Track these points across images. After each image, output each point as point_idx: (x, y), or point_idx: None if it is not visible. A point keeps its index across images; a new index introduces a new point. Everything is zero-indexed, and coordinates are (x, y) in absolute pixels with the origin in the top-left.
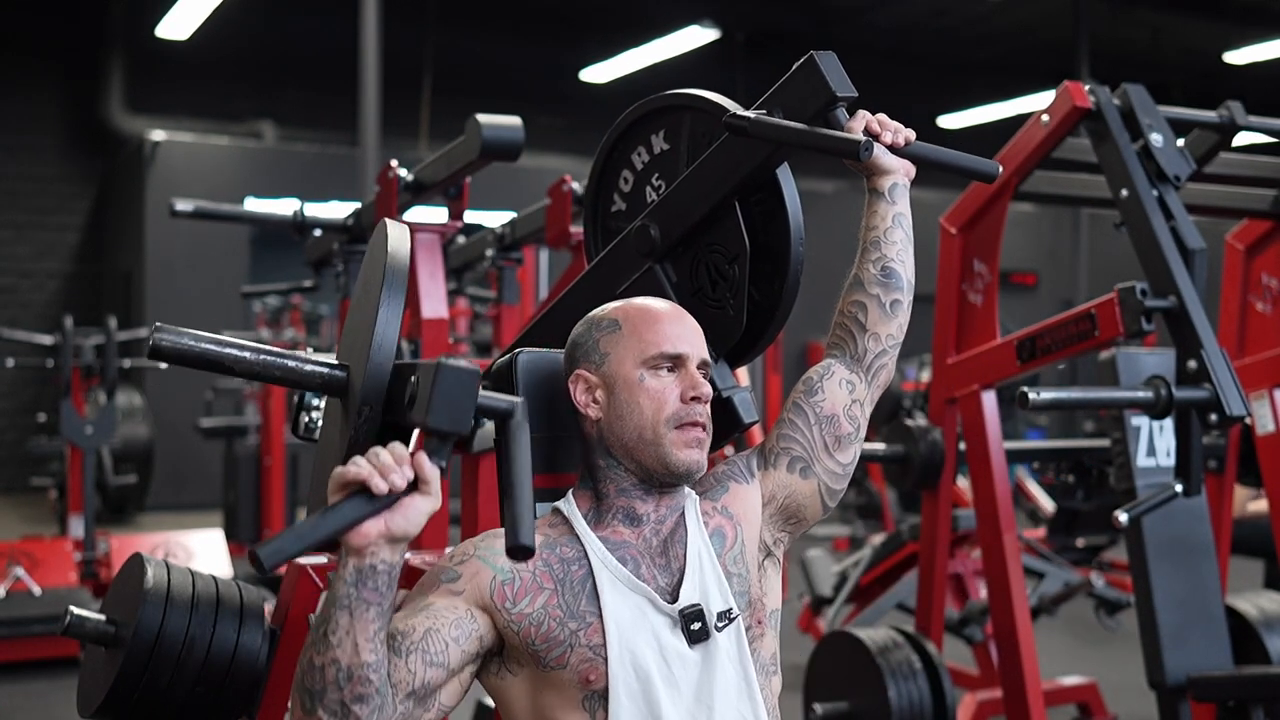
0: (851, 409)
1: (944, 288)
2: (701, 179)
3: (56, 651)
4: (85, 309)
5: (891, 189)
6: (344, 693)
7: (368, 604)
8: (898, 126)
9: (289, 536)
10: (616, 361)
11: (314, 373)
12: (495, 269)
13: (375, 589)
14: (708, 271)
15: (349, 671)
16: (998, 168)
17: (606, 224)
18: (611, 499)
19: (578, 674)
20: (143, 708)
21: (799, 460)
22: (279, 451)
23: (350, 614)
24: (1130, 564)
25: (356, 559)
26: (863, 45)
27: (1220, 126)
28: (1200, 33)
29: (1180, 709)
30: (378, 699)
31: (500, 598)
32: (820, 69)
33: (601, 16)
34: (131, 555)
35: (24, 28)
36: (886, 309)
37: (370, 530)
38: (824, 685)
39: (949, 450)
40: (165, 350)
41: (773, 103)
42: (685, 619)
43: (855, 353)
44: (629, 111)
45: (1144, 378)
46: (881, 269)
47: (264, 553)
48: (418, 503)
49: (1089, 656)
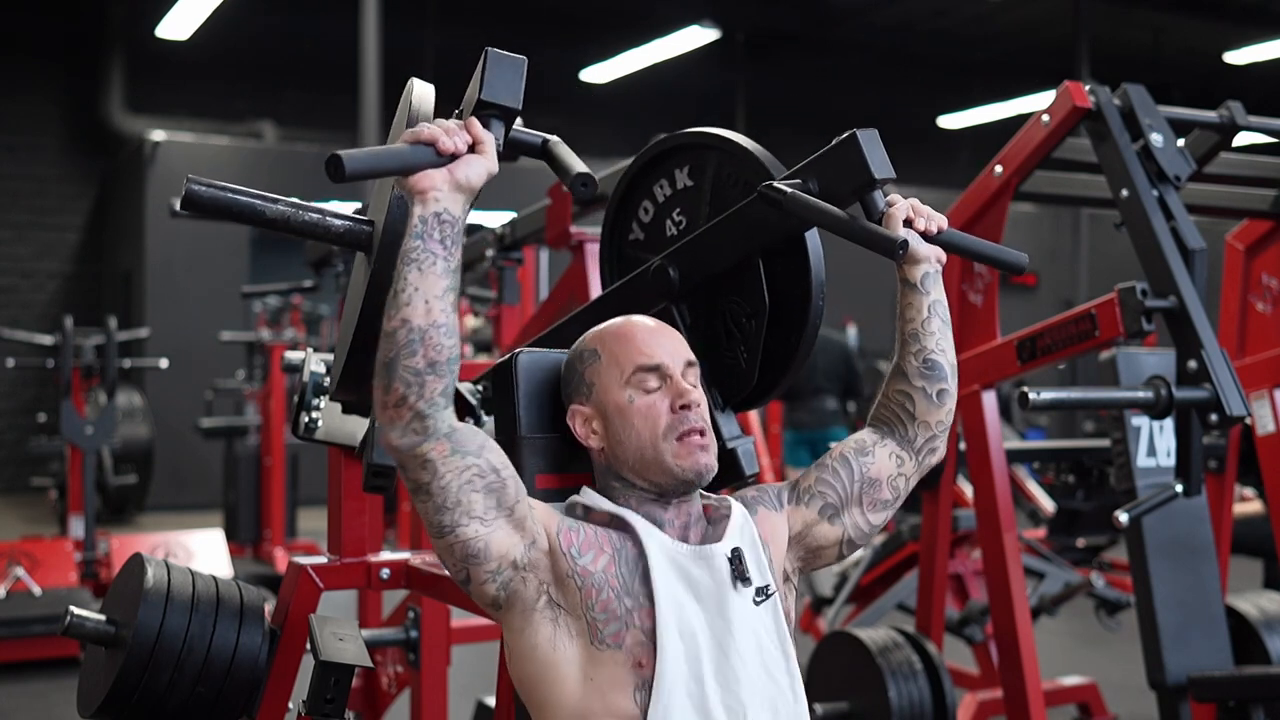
0: (896, 480)
1: (944, 288)
2: (727, 231)
3: (56, 651)
4: (85, 309)
5: (924, 279)
6: (417, 358)
7: (434, 256)
8: (930, 213)
9: (366, 152)
10: (603, 390)
11: (340, 225)
12: (495, 269)
13: (441, 241)
14: (724, 322)
15: (421, 333)
16: (1025, 259)
17: (623, 251)
18: (634, 509)
19: (631, 656)
20: (143, 708)
21: (830, 507)
22: (279, 451)
23: (419, 268)
24: (1130, 564)
25: (422, 206)
26: (862, 45)
27: (1220, 126)
28: (1200, 33)
29: (1180, 709)
30: (449, 377)
31: (566, 541)
32: (861, 148)
33: (601, 16)
34: (132, 555)
35: (24, 28)
36: (933, 399)
37: (436, 174)
38: (824, 685)
39: (949, 450)
40: (199, 197)
41: (808, 174)
42: (732, 561)
43: (905, 436)
44: (655, 143)
45: (1144, 378)
46: (924, 362)
47: (346, 155)
48: (477, 159)
49: (1089, 656)
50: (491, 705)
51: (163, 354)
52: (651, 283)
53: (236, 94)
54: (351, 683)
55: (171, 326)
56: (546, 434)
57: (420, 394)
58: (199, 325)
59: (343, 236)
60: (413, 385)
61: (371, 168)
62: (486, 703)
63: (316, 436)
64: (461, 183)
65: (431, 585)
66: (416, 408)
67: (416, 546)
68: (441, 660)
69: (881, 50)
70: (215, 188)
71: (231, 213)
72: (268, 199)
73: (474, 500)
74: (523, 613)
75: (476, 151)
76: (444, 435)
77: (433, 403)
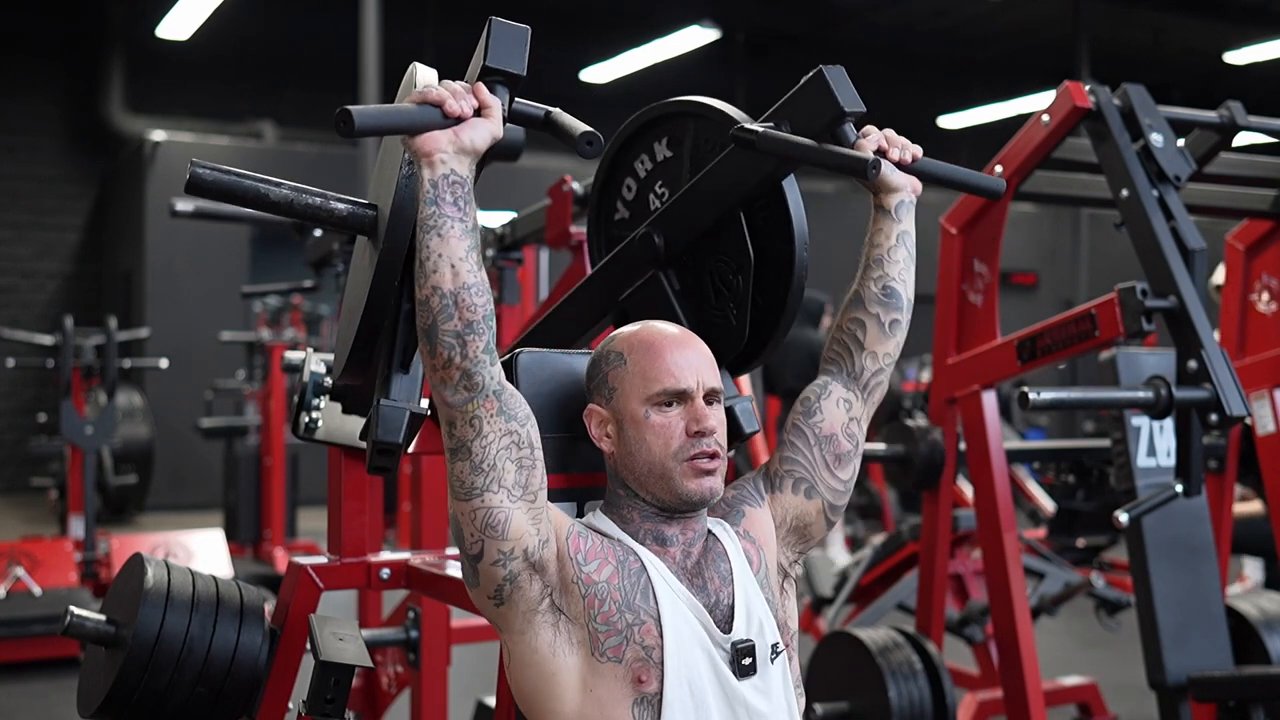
0: (849, 427)
1: (944, 288)
2: (707, 189)
3: (56, 651)
4: (85, 309)
5: (898, 207)
6: (454, 321)
7: (450, 219)
8: (905, 143)
9: (375, 108)
10: (623, 398)
11: (343, 209)
12: (495, 269)
13: (454, 202)
14: (711, 281)
15: (453, 297)
16: (1003, 184)
17: (610, 232)
18: (638, 524)
19: (630, 671)
20: (143, 708)
21: (803, 481)
22: (279, 451)
23: (439, 234)
24: (1130, 564)
25: (430, 170)
26: (863, 46)
27: (1220, 126)
28: (1200, 33)
29: (1180, 709)
30: (488, 333)
31: (574, 546)
32: (829, 83)
33: (601, 16)
34: (132, 555)
35: (24, 28)
36: (885, 328)
37: (440, 136)
38: (824, 685)
39: (949, 450)
40: (203, 180)
41: (780, 116)
42: (737, 653)
43: (852, 370)
44: (632, 119)
45: (1144, 378)
46: (883, 288)
47: (356, 110)
48: (482, 122)
49: (1089, 656)
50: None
51: (163, 354)
52: (638, 252)
53: (236, 94)
54: (351, 683)
55: (171, 326)
56: (548, 433)
57: (464, 353)
58: (199, 325)
59: (346, 220)
60: (455, 347)
61: (380, 123)
62: (486, 703)
63: (316, 436)
64: (466, 145)
65: (431, 585)
66: (463, 367)
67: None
68: (441, 660)
69: (881, 50)
70: (219, 171)
71: (235, 195)
72: (271, 182)
73: (508, 469)
74: (524, 614)
75: (482, 115)
76: (493, 392)
77: (477, 360)
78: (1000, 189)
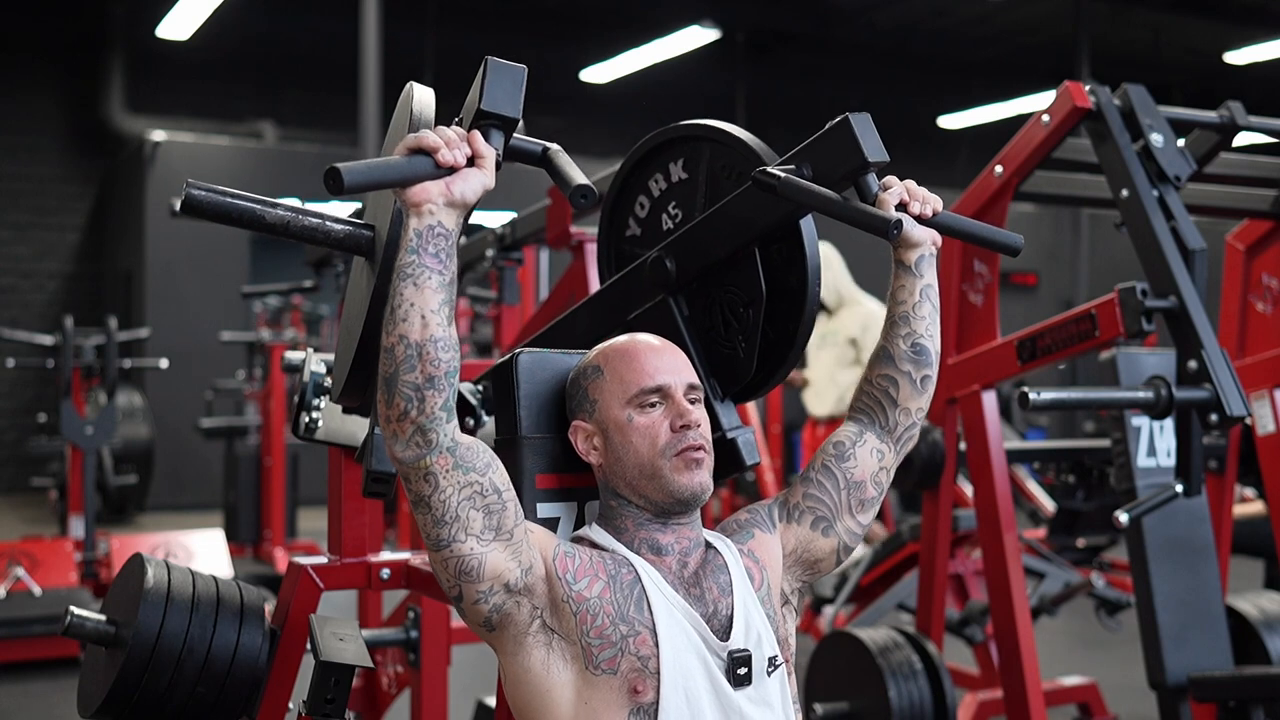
0: (879, 475)
1: (944, 288)
2: (723, 221)
3: (56, 651)
4: (85, 309)
5: (918, 262)
6: (415, 374)
7: (430, 271)
8: (926, 195)
9: (363, 165)
10: (605, 407)
11: (340, 230)
12: (496, 269)
13: (436, 255)
14: (721, 312)
15: (418, 348)
16: (1020, 240)
17: (620, 247)
18: (632, 533)
19: (626, 682)
20: (143, 708)
21: (823, 520)
22: (279, 451)
23: (414, 283)
24: (1130, 564)
25: (417, 220)
26: (863, 46)
27: (1220, 126)
28: (1200, 33)
29: (1181, 709)
30: (448, 390)
31: (562, 566)
32: (854, 132)
33: (601, 16)
34: (132, 555)
35: (24, 28)
36: (917, 384)
37: (432, 188)
38: (824, 685)
39: (949, 450)
40: (198, 202)
41: (802, 159)
42: (733, 661)
43: (885, 424)
44: (649, 138)
45: (1144, 378)
46: (912, 345)
47: (345, 168)
48: (474, 174)
49: (1089, 656)
50: (491, 705)
51: (163, 354)
52: (649, 275)
53: (236, 94)
54: (351, 683)
55: (172, 326)
56: (546, 434)
57: (421, 408)
58: (199, 325)
59: (343, 241)
60: (413, 400)
61: (370, 180)
62: (487, 703)
63: (317, 437)
64: (456, 199)
65: (431, 585)
66: (419, 422)
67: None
68: (441, 660)
69: (881, 50)
70: (215, 192)
71: (231, 217)
72: (267, 203)
73: (473, 518)
74: (515, 636)
75: (475, 166)
76: (446, 449)
77: (434, 417)
78: (1018, 245)
